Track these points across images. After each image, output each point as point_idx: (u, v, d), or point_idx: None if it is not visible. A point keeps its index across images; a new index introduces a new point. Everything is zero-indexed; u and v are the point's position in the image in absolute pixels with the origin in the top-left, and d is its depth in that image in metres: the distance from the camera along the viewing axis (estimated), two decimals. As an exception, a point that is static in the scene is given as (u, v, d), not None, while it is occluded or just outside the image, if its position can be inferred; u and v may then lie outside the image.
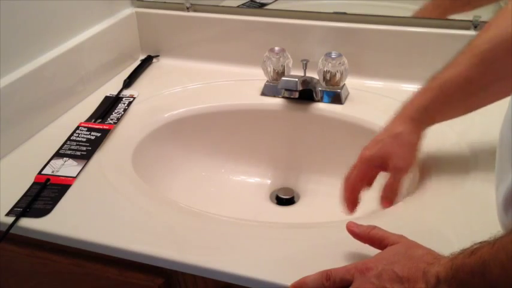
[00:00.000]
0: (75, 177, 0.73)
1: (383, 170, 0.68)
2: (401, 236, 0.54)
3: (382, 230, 0.55)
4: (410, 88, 0.72)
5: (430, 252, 0.50)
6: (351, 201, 0.69)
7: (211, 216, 0.66)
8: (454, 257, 0.45)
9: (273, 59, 0.91)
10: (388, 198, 0.67)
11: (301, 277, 0.54)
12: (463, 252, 0.45)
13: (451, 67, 0.64)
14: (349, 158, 0.73)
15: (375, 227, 0.56)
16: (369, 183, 0.70)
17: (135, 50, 1.07)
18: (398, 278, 0.48)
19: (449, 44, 0.68)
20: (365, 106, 0.86)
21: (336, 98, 0.88)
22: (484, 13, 0.87)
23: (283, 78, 0.87)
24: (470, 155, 0.73)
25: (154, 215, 0.66)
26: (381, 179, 0.69)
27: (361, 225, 0.57)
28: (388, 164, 0.66)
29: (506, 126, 0.51)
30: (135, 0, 1.06)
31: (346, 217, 0.66)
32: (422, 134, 0.67)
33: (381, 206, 0.67)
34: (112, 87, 0.96)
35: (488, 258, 0.41)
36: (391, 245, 0.53)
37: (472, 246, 0.45)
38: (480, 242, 0.44)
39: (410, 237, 0.54)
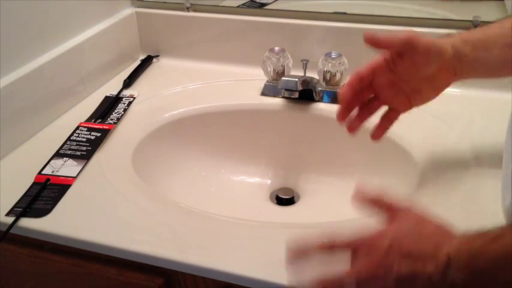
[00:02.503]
0: (75, 177, 0.73)
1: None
2: (411, 208, 0.50)
3: (392, 198, 0.52)
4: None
5: (440, 229, 0.47)
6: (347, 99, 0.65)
7: (211, 216, 0.66)
8: (471, 241, 0.43)
9: (273, 59, 0.91)
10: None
11: (300, 276, 0.53)
12: (480, 236, 0.43)
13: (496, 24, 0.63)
14: (349, 158, 0.73)
15: (384, 195, 0.52)
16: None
17: (135, 50, 1.07)
18: (407, 254, 0.45)
19: (449, 44, 0.68)
20: (365, 106, 0.86)
21: (336, 98, 0.88)
22: (484, 13, 0.87)
23: (283, 78, 0.87)
24: (470, 155, 0.73)
25: (154, 215, 0.66)
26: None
27: (370, 191, 0.53)
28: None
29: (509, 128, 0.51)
30: (135, 0, 1.06)
31: (346, 217, 0.66)
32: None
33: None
34: (112, 87, 0.97)
35: None
36: (399, 218, 0.50)
37: (488, 230, 0.42)
38: (499, 227, 0.42)
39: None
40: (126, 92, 0.95)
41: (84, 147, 0.79)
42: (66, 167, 0.75)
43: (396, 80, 0.64)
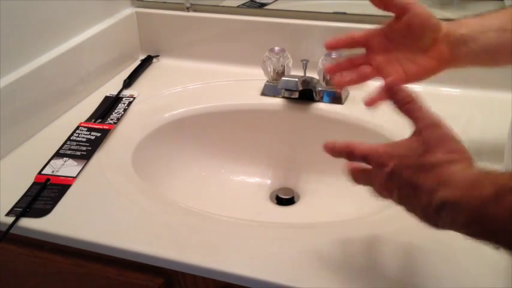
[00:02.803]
0: (75, 177, 0.73)
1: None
2: (430, 126, 0.48)
3: (420, 106, 0.49)
4: (410, 88, 0.73)
5: (444, 164, 0.45)
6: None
7: (211, 216, 0.66)
8: (481, 187, 0.42)
9: (273, 59, 0.91)
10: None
11: (300, 276, 0.53)
12: (492, 182, 0.41)
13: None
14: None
15: (413, 101, 0.49)
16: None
17: (135, 50, 1.07)
18: (405, 182, 0.46)
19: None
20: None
21: (336, 98, 0.88)
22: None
23: (283, 78, 0.87)
24: (470, 153, 0.72)
25: (155, 215, 0.66)
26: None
27: (403, 91, 0.50)
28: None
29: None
30: (135, 0, 1.06)
31: (346, 217, 0.66)
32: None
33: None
34: (112, 87, 0.97)
35: None
36: (417, 132, 0.48)
37: (501, 174, 0.41)
38: (501, 173, 0.41)
39: (411, 240, 0.53)
40: (126, 92, 0.95)
41: (84, 147, 0.79)
42: (66, 167, 0.75)
43: (390, 46, 0.64)
